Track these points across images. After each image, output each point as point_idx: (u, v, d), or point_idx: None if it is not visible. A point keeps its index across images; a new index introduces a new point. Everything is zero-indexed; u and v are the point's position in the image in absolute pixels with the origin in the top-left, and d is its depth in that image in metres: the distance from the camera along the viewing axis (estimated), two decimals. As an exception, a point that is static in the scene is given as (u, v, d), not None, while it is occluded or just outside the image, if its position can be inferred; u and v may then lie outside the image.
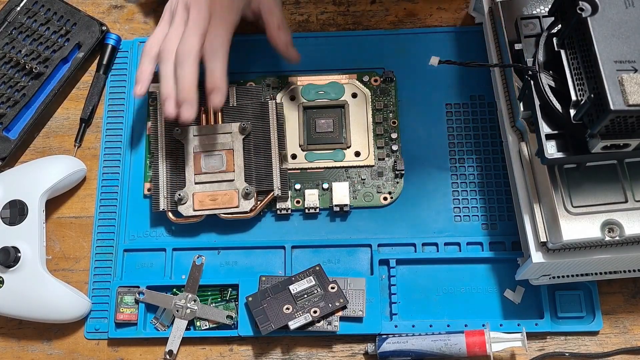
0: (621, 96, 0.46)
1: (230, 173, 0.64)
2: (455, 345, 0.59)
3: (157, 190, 0.64)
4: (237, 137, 0.64)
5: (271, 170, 0.64)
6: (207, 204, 0.63)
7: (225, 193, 0.63)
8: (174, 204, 0.64)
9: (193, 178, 0.64)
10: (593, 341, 0.62)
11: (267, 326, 0.60)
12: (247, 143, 0.64)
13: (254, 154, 0.64)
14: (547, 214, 0.55)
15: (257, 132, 0.65)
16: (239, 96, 0.67)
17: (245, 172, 0.64)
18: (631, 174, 0.54)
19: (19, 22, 0.72)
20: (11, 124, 0.69)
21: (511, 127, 0.61)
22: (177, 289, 0.64)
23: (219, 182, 0.64)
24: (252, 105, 0.66)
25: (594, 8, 0.49)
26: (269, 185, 0.64)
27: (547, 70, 0.54)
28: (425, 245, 0.65)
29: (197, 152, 0.64)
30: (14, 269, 0.62)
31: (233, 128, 0.65)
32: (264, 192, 0.64)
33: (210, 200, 0.63)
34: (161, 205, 0.64)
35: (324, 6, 0.74)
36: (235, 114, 0.66)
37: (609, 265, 0.59)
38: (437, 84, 0.70)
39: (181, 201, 0.63)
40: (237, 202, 0.63)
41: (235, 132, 0.64)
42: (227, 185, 0.64)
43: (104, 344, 0.64)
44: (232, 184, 0.64)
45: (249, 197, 0.63)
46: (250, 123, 0.65)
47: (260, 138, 0.65)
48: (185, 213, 0.64)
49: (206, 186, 0.64)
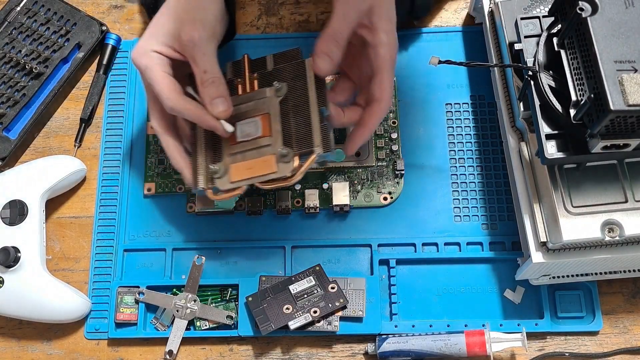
0: (621, 96, 0.46)
1: (266, 138, 0.58)
2: (455, 345, 0.59)
3: (195, 172, 0.59)
4: (273, 101, 0.59)
5: (311, 130, 0.57)
6: (244, 173, 0.57)
7: (262, 160, 0.57)
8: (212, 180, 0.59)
9: (229, 149, 0.59)
10: (593, 341, 0.62)
11: (267, 326, 0.60)
12: (284, 105, 0.59)
13: (292, 115, 0.58)
14: (547, 214, 0.55)
15: (294, 93, 0.59)
16: (275, 62, 0.62)
17: (284, 134, 0.58)
18: (631, 174, 0.54)
19: (19, 22, 0.72)
20: (11, 124, 0.69)
21: (511, 127, 0.61)
22: (177, 289, 0.64)
23: (255, 149, 0.58)
24: (288, 68, 0.60)
25: (594, 8, 0.49)
26: (308, 144, 0.56)
27: (547, 70, 0.54)
28: (425, 245, 0.65)
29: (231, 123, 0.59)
30: (14, 269, 0.62)
31: (268, 93, 0.59)
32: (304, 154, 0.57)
33: (247, 170, 0.58)
34: (200, 183, 0.59)
35: (324, 6, 0.74)
36: (271, 80, 0.60)
37: (609, 265, 0.59)
38: (437, 84, 0.70)
39: (215, 174, 0.58)
40: (275, 167, 0.57)
41: (271, 95, 0.59)
42: (263, 151, 0.58)
43: (104, 344, 0.64)
44: (269, 148, 0.57)
45: (286, 160, 0.56)
46: (285, 84, 0.59)
47: (298, 98, 0.59)
48: (222, 187, 0.58)
49: (244, 155, 0.58)
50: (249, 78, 0.61)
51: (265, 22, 0.74)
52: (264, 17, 0.74)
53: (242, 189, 0.58)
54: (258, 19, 0.74)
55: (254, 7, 0.74)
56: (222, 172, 0.58)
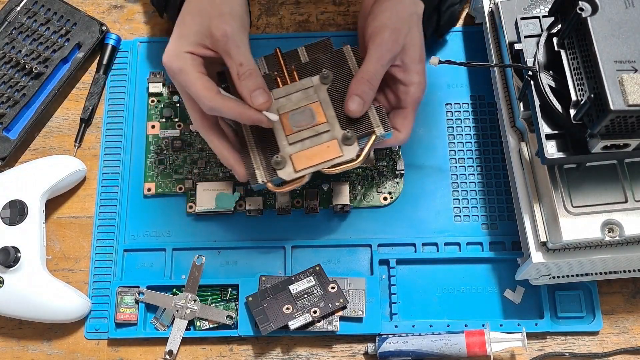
0: (621, 96, 0.46)
1: (323, 125, 0.58)
2: (455, 345, 0.59)
3: (250, 164, 0.59)
4: (321, 88, 0.60)
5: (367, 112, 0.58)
6: (309, 161, 0.57)
7: (325, 145, 0.58)
8: (271, 173, 0.58)
9: (285, 140, 0.58)
10: (593, 341, 0.62)
11: (267, 326, 0.60)
12: (332, 92, 0.60)
13: (343, 100, 0.59)
14: (547, 214, 0.55)
15: (339, 80, 0.60)
16: (309, 53, 0.63)
17: (339, 119, 0.58)
18: (631, 174, 0.54)
19: (19, 22, 0.72)
20: (11, 124, 0.69)
21: (511, 127, 0.61)
22: (177, 289, 0.64)
23: (314, 136, 0.58)
24: (325, 57, 0.61)
25: (594, 8, 0.49)
26: (367, 126, 0.58)
27: (547, 70, 0.54)
28: (425, 245, 0.65)
29: (282, 114, 0.59)
30: (14, 269, 0.62)
31: (314, 81, 0.60)
32: (363, 136, 0.58)
33: (311, 157, 0.58)
34: (259, 178, 0.58)
35: (324, 6, 0.74)
36: (310, 70, 0.61)
37: (609, 265, 0.59)
38: (437, 84, 0.70)
39: (279, 165, 0.57)
40: (339, 150, 0.57)
41: (317, 84, 0.60)
42: (323, 137, 0.58)
43: (104, 344, 0.64)
44: (328, 134, 0.58)
45: (350, 142, 0.57)
46: (331, 71, 0.60)
47: (345, 84, 0.59)
48: (287, 177, 0.57)
49: (302, 144, 0.58)
50: (287, 70, 0.61)
51: (265, 22, 0.74)
52: (264, 17, 0.74)
53: (306, 177, 0.58)
54: (258, 19, 0.74)
55: (254, 7, 0.74)
56: (284, 162, 0.58)
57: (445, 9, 0.65)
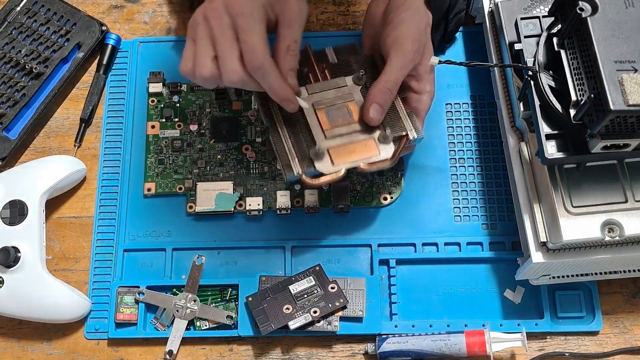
0: (621, 96, 0.46)
1: (359, 123, 0.60)
2: (455, 345, 0.59)
3: (286, 157, 0.59)
4: (355, 89, 0.61)
5: (398, 113, 0.60)
6: (348, 156, 0.59)
7: (364, 143, 0.59)
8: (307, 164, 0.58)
9: (322, 134, 0.59)
10: (593, 341, 0.62)
11: (267, 326, 0.60)
12: (365, 93, 0.60)
13: None
14: (547, 214, 0.55)
15: (371, 82, 0.60)
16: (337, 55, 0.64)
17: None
18: (631, 174, 0.54)
19: (19, 22, 0.72)
20: (11, 124, 0.69)
21: (511, 127, 0.61)
22: (177, 289, 0.64)
23: (351, 133, 0.59)
24: (353, 60, 0.63)
25: (594, 8, 0.50)
26: (400, 129, 0.60)
27: (547, 70, 0.54)
28: (425, 245, 0.65)
29: (318, 109, 0.60)
30: (14, 269, 0.62)
31: (347, 81, 0.61)
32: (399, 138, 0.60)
33: (349, 153, 0.59)
34: (294, 169, 0.58)
35: (324, 6, 0.74)
36: (338, 70, 0.62)
37: (609, 265, 0.59)
38: (437, 84, 0.69)
39: (317, 157, 0.58)
40: (376, 149, 0.59)
41: (351, 84, 0.61)
42: (360, 135, 0.59)
43: (104, 344, 0.64)
44: (365, 133, 0.59)
45: (387, 141, 0.59)
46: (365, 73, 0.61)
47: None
48: (325, 170, 0.58)
49: (340, 139, 0.59)
50: (319, 68, 0.62)
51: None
52: (264, 17, 0.74)
53: (342, 172, 0.58)
54: (258, 19, 0.74)
55: (254, 7, 0.74)
56: (322, 154, 0.59)
57: (453, 16, 0.66)
